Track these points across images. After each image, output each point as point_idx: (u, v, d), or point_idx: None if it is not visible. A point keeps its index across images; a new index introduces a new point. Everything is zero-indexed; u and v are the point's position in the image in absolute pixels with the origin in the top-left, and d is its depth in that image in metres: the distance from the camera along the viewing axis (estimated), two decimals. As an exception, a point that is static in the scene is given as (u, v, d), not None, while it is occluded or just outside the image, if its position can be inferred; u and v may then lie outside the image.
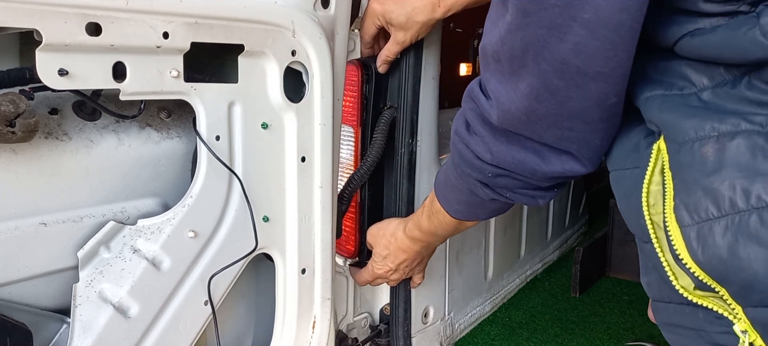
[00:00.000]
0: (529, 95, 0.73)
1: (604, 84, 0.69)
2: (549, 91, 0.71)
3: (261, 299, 1.24)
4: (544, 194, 0.90)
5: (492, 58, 0.76)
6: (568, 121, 0.74)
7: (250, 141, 1.05)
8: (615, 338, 1.94)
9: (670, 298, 0.72)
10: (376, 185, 1.43)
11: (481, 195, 0.95)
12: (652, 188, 0.70)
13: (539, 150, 0.80)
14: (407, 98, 1.38)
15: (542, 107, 0.73)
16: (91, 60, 0.84)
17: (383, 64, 1.35)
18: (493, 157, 0.85)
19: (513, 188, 0.89)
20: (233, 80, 1.02)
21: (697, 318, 0.70)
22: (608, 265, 2.43)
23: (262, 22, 1.01)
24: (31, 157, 0.87)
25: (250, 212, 1.06)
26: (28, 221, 0.88)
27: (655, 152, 0.70)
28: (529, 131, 0.78)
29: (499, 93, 0.77)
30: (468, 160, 0.90)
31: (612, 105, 0.72)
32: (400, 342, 1.50)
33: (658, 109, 0.69)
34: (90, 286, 0.93)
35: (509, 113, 0.77)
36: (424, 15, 1.27)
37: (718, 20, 0.63)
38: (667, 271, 0.69)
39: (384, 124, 1.36)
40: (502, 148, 0.83)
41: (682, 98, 0.68)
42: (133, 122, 0.99)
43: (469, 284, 1.87)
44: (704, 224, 0.63)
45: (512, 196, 0.91)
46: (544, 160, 0.81)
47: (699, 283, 0.66)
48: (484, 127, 0.84)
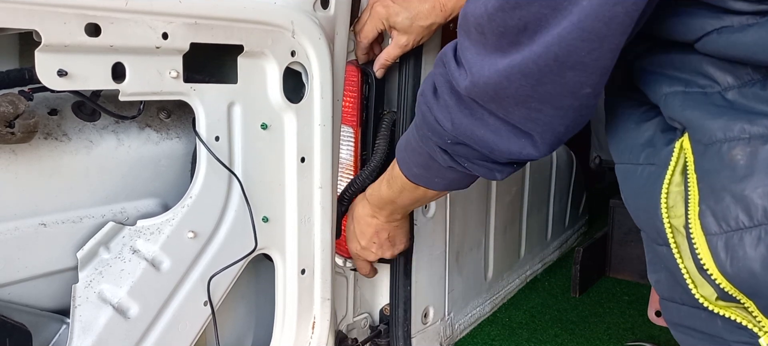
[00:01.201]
0: (502, 72, 0.71)
1: (582, 74, 0.66)
2: (522, 73, 0.69)
3: (261, 300, 1.24)
4: (501, 168, 0.88)
5: (475, 29, 0.73)
6: (538, 103, 0.72)
7: (249, 142, 1.05)
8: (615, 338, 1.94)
9: (683, 300, 0.69)
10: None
11: (440, 161, 0.93)
12: (672, 189, 0.66)
13: (500, 129, 0.79)
14: (407, 99, 1.38)
15: (513, 87, 0.71)
16: (90, 61, 0.84)
17: (381, 68, 1.33)
18: (454, 127, 0.83)
19: (471, 159, 0.88)
20: (233, 81, 1.02)
21: (714, 325, 0.67)
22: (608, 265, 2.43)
23: (261, 22, 1.01)
24: (31, 157, 0.87)
25: (249, 213, 1.06)
26: (27, 221, 0.88)
27: (677, 151, 0.66)
28: (496, 106, 0.76)
29: (473, 64, 0.75)
30: (430, 124, 0.88)
31: (585, 95, 0.69)
32: (400, 342, 1.50)
33: (681, 107, 0.66)
34: (89, 286, 0.93)
35: (478, 86, 0.75)
36: (428, 19, 1.26)
37: (748, 19, 0.59)
38: (686, 279, 0.66)
39: (386, 128, 1.36)
40: (464, 120, 0.81)
41: (705, 96, 0.64)
42: (133, 123, 0.99)
43: (469, 284, 1.87)
44: (734, 233, 0.60)
45: (470, 166, 0.90)
46: (502, 140, 0.80)
47: (723, 294, 0.63)
48: (450, 95, 0.82)
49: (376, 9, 1.27)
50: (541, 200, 2.34)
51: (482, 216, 1.92)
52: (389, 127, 1.37)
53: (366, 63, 1.35)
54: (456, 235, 1.73)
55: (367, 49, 1.32)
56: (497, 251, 2.02)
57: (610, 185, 2.88)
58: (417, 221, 1.49)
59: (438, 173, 1.00)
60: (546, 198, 2.40)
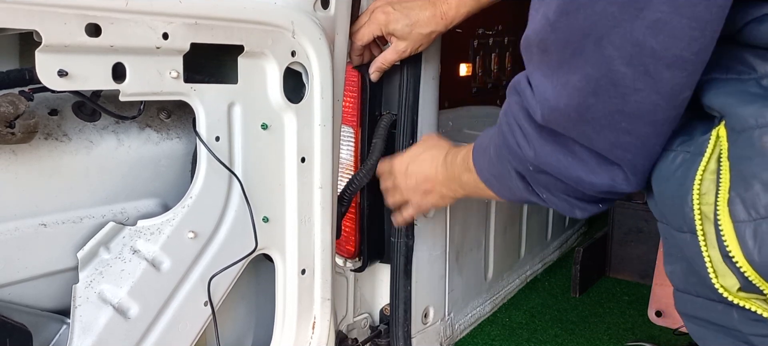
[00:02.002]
0: (583, 89, 0.64)
1: (681, 73, 0.60)
2: (612, 82, 0.62)
3: (261, 300, 1.24)
4: (585, 206, 0.82)
5: (537, 48, 0.69)
6: (628, 122, 0.65)
7: (249, 142, 1.05)
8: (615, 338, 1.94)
9: (698, 292, 0.68)
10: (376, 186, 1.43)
11: (514, 187, 0.88)
12: (706, 177, 0.64)
13: (588, 160, 0.72)
14: (408, 99, 1.38)
15: (600, 103, 0.65)
16: (90, 61, 0.84)
17: (377, 72, 1.32)
18: (536, 156, 0.78)
19: (553, 190, 0.82)
20: (233, 81, 1.02)
21: (730, 317, 0.66)
22: (608, 265, 2.43)
23: (261, 22, 1.01)
24: (31, 158, 0.87)
25: (249, 213, 1.06)
26: (27, 221, 0.88)
27: (713, 139, 0.64)
28: (578, 133, 0.70)
29: (545, 88, 0.70)
30: (511, 148, 0.83)
31: (683, 100, 0.63)
32: (400, 342, 1.50)
33: (715, 93, 0.63)
34: (90, 287, 0.93)
35: (557, 111, 0.69)
36: (428, 27, 1.26)
37: None
38: (708, 267, 0.64)
39: (383, 128, 1.36)
40: (547, 148, 0.75)
41: (740, 83, 0.62)
42: (133, 123, 0.99)
43: (469, 285, 1.87)
44: (763, 221, 0.58)
45: (549, 198, 0.84)
46: (591, 170, 0.73)
47: (747, 284, 0.61)
48: (529, 123, 0.76)
49: (376, 14, 1.26)
50: (541, 200, 2.34)
51: (482, 216, 1.92)
52: (387, 128, 1.37)
53: (360, 65, 1.34)
54: (456, 235, 1.73)
55: (361, 51, 1.32)
56: (497, 251, 2.02)
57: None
58: (417, 221, 1.49)
59: (510, 190, 0.93)
60: (546, 198, 2.39)
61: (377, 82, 1.35)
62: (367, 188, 1.40)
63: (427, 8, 1.26)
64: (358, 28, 1.28)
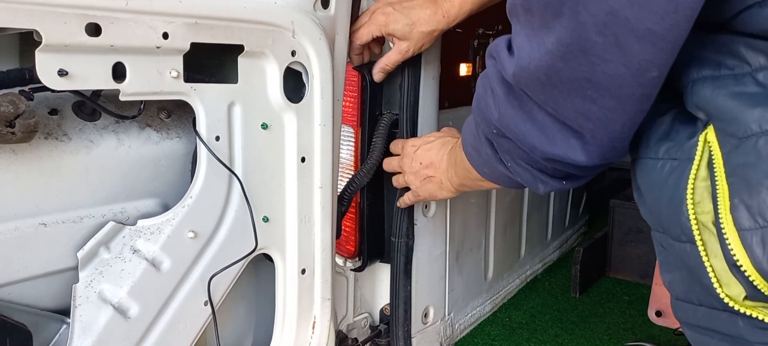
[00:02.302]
0: (555, 52, 0.64)
1: (651, 48, 0.59)
2: (582, 49, 0.62)
3: (261, 300, 1.24)
4: (546, 180, 0.82)
5: (522, 8, 0.68)
6: (595, 90, 0.65)
7: (249, 141, 1.05)
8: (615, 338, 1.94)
9: (700, 301, 0.67)
10: (376, 186, 1.43)
11: (485, 153, 0.89)
12: (698, 184, 0.63)
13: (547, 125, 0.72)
14: (408, 99, 1.38)
15: (569, 68, 0.64)
16: (90, 60, 0.84)
17: (380, 72, 1.32)
18: (499, 118, 0.78)
19: (514, 158, 0.82)
20: (233, 81, 1.02)
21: (735, 326, 0.65)
22: (608, 265, 2.43)
23: (261, 22, 1.01)
24: (31, 157, 0.87)
25: (249, 213, 1.06)
26: (27, 221, 0.88)
27: (701, 144, 0.63)
28: (546, 97, 0.69)
29: (523, 47, 0.69)
30: (481, 109, 0.83)
31: (651, 80, 0.63)
32: (400, 342, 1.50)
33: (711, 96, 0.62)
34: (90, 286, 0.93)
35: (527, 71, 0.69)
36: (428, 26, 1.25)
37: None
38: (711, 277, 0.63)
39: (384, 127, 1.36)
40: (510, 112, 0.75)
41: (735, 80, 0.61)
42: (133, 123, 0.99)
43: (469, 284, 1.87)
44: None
45: (513, 167, 0.84)
46: (546, 138, 0.73)
47: (754, 292, 0.60)
48: (499, 85, 0.76)
49: (376, 15, 1.26)
50: (541, 200, 2.34)
51: (482, 216, 1.92)
52: (387, 126, 1.37)
53: (361, 65, 1.34)
54: (456, 235, 1.73)
55: (360, 50, 1.31)
56: (497, 251, 2.02)
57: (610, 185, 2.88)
58: (417, 221, 1.49)
59: (486, 163, 0.94)
60: (546, 198, 2.40)
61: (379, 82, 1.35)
62: (367, 188, 1.40)
63: (427, 7, 1.25)
64: (357, 27, 1.28)
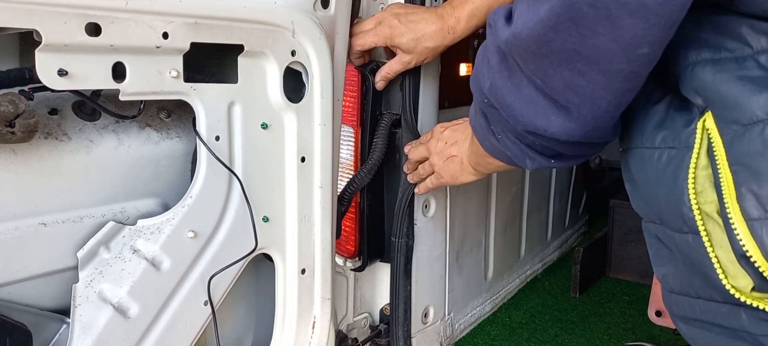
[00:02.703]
0: (547, 21, 0.63)
1: (643, 23, 0.58)
2: (573, 21, 0.60)
3: (261, 299, 1.24)
4: (533, 155, 0.81)
5: None
6: (584, 63, 0.63)
7: (249, 141, 1.05)
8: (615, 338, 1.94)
9: (699, 294, 0.66)
10: (377, 186, 1.43)
11: (480, 126, 0.88)
12: (699, 173, 0.62)
13: (533, 99, 0.71)
14: (408, 99, 1.38)
15: (559, 39, 0.63)
16: (90, 60, 0.84)
17: (382, 80, 1.32)
18: (490, 88, 0.77)
19: (504, 130, 0.81)
20: (233, 80, 1.02)
21: (737, 318, 0.64)
22: (608, 265, 2.43)
23: (261, 22, 1.01)
24: (31, 157, 0.87)
25: (249, 213, 1.06)
26: (27, 221, 0.88)
27: (699, 132, 0.62)
28: (536, 67, 0.68)
29: (520, 15, 0.67)
30: (477, 79, 0.82)
31: (640, 57, 0.61)
32: (400, 342, 1.50)
33: (712, 81, 0.60)
34: (90, 286, 0.93)
35: (519, 39, 0.67)
36: (433, 42, 1.25)
37: None
38: (716, 268, 0.61)
39: (384, 127, 1.36)
40: (499, 82, 0.75)
41: (737, 64, 0.59)
42: (133, 122, 0.99)
43: (469, 284, 1.87)
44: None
45: (503, 140, 0.83)
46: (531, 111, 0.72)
47: (762, 283, 0.59)
48: (494, 54, 0.75)
49: (382, 27, 1.25)
50: (541, 200, 2.34)
51: (482, 216, 1.92)
52: (388, 126, 1.37)
53: (362, 66, 1.34)
54: (456, 235, 1.73)
55: (360, 54, 1.31)
56: (497, 251, 2.02)
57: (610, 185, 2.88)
58: (417, 221, 1.49)
59: (483, 135, 0.92)
60: (546, 198, 2.40)
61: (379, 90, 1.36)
62: (367, 188, 1.40)
63: (433, 22, 1.25)
64: (360, 33, 1.27)
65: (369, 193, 1.42)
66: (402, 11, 1.28)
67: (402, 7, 1.30)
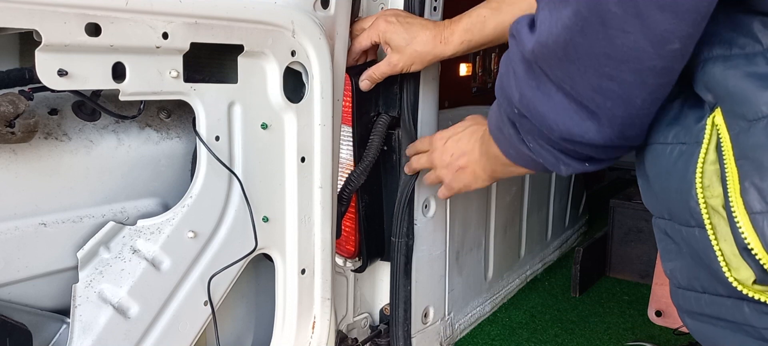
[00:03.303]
0: (572, 26, 0.62)
1: (673, 18, 0.57)
2: (601, 22, 0.60)
3: (261, 299, 1.24)
4: (569, 162, 0.80)
5: None
6: (613, 66, 0.63)
7: (249, 141, 1.05)
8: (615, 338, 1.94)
9: (704, 288, 0.67)
10: (375, 186, 1.43)
11: (507, 134, 0.87)
12: (707, 168, 0.62)
13: (565, 106, 0.71)
14: (408, 99, 1.38)
15: (587, 42, 0.62)
16: (90, 60, 0.84)
17: (367, 80, 1.31)
18: (520, 98, 0.76)
19: (536, 138, 0.80)
20: (233, 80, 1.02)
21: (741, 312, 0.64)
22: (608, 265, 2.43)
23: (261, 22, 1.01)
24: (31, 157, 0.87)
25: (249, 213, 1.06)
26: (27, 221, 0.88)
27: (709, 127, 0.62)
28: (563, 73, 0.68)
29: (543, 21, 0.67)
30: (503, 89, 0.81)
31: (672, 52, 0.60)
32: (400, 342, 1.50)
33: (722, 77, 0.61)
34: (90, 286, 0.93)
35: (545, 46, 0.67)
36: (424, 46, 1.25)
37: None
38: (720, 261, 0.62)
39: (381, 126, 1.36)
40: (529, 92, 0.74)
41: (746, 60, 0.60)
42: (133, 123, 0.99)
43: (469, 284, 1.87)
44: None
45: (535, 148, 0.82)
46: (564, 119, 0.72)
47: (763, 276, 0.59)
48: (520, 63, 0.75)
49: (378, 22, 1.27)
50: (541, 200, 2.34)
51: (482, 216, 1.92)
52: (385, 125, 1.37)
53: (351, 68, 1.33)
54: (456, 235, 1.73)
55: (357, 56, 1.31)
56: (497, 251, 2.02)
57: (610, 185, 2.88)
58: (417, 221, 1.49)
59: (511, 144, 0.91)
60: (546, 198, 2.40)
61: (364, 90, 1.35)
62: (365, 188, 1.40)
63: (429, 29, 1.26)
64: (358, 32, 1.28)
65: (366, 193, 1.42)
66: (401, 13, 1.30)
67: (402, 11, 1.32)
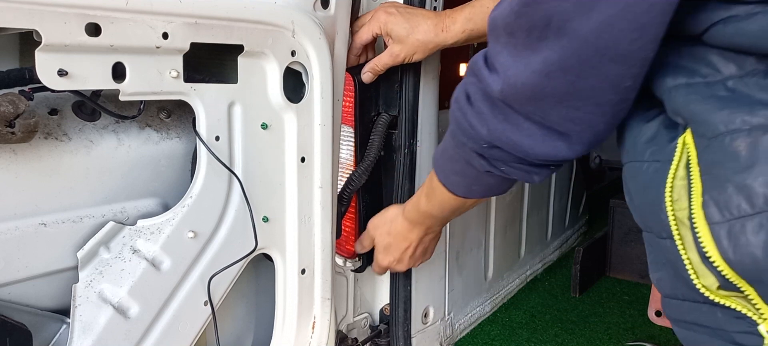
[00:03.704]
0: (540, 71, 0.70)
1: (623, 66, 0.66)
2: (563, 69, 0.68)
3: (261, 299, 1.24)
4: (538, 170, 0.87)
5: (504, 31, 0.74)
6: (577, 101, 0.71)
7: (249, 141, 1.05)
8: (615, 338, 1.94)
9: (684, 295, 0.70)
10: (375, 186, 1.43)
11: (477, 166, 0.92)
12: (677, 183, 0.68)
13: (535, 132, 0.78)
14: (408, 99, 1.38)
15: (552, 85, 0.70)
16: (90, 60, 0.84)
17: (369, 73, 1.31)
18: (489, 133, 0.83)
19: (507, 161, 0.87)
20: (233, 80, 1.02)
21: (715, 317, 0.68)
22: (608, 265, 2.43)
23: (261, 22, 1.01)
24: (31, 157, 0.87)
25: (249, 213, 1.06)
26: (27, 221, 0.88)
27: (680, 146, 0.68)
28: (533, 108, 0.76)
29: (508, 67, 0.75)
30: (465, 130, 0.88)
31: (626, 89, 0.69)
32: (400, 342, 1.50)
33: (684, 101, 0.67)
34: (90, 286, 0.93)
35: (515, 88, 0.74)
36: (426, 35, 1.26)
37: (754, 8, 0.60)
38: (689, 269, 0.67)
39: (382, 125, 1.36)
40: (499, 126, 0.81)
41: (707, 87, 0.65)
42: (133, 123, 0.99)
43: (469, 284, 1.87)
44: (736, 221, 0.61)
45: (507, 169, 0.89)
46: (536, 142, 0.80)
47: (725, 282, 0.64)
48: (484, 102, 0.82)
49: (379, 14, 1.27)
50: (541, 200, 2.34)
51: (482, 216, 1.92)
52: (385, 125, 1.37)
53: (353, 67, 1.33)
54: (456, 235, 1.73)
55: (359, 51, 1.31)
56: (497, 251, 2.02)
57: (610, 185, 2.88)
58: (417, 221, 1.48)
59: (476, 180, 0.99)
60: (546, 198, 2.40)
61: (373, 83, 1.35)
62: (364, 188, 1.40)
63: (430, 18, 1.27)
64: (359, 27, 1.28)
65: (367, 193, 1.42)
66: (401, 4, 1.31)
67: (401, 3, 1.32)
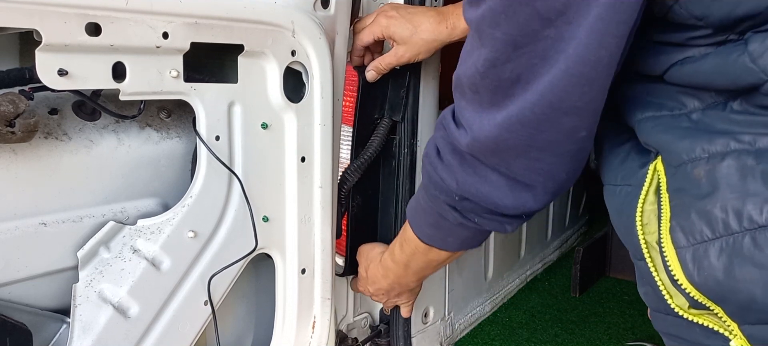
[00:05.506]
0: (501, 125, 0.74)
1: (576, 117, 0.71)
2: (521, 123, 0.72)
3: (261, 299, 1.24)
4: (510, 220, 0.90)
5: (469, 89, 0.77)
6: (537, 152, 0.75)
7: (249, 141, 1.05)
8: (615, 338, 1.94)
9: (666, 310, 0.73)
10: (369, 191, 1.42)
11: (450, 219, 0.95)
12: (646, 208, 0.71)
13: (502, 185, 0.82)
14: (407, 99, 1.38)
15: (513, 138, 0.74)
16: (90, 60, 0.84)
17: (373, 71, 1.30)
18: (458, 186, 0.87)
19: (480, 213, 0.90)
20: (233, 80, 1.02)
21: (693, 332, 0.72)
22: (608, 265, 2.43)
23: (261, 22, 1.01)
24: (31, 157, 0.87)
25: (249, 212, 1.06)
26: (27, 221, 0.88)
27: (651, 172, 0.71)
28: (498, 160, 0.80)
29: (473, 122, 0.79)
30: (436, 184, 0.91)
31: (582, 139, 0.74)
32: (400, 342, 1.50)
33: (652, 132, 0.71)
34: (90, 286, 0.93)
35: (479, 142, 0.79)
36: (430, 34, 1.25)
37: (707, 49, 0.65)
38: (662, 289, 0.71)
39: (383, 128, 1.35)
40: (468, 179, 0.85)
41: (673, 119, 0.70)
42: (133, 122, 0.99)
43: (469, 284, 1.87)
44: (699, 246, 0.65)
45: (480, 221, 0.91)
46: (504, 194, 0.83)
47: (694, 302, 0.68)
48: (453, 155, 0.85)
49: (380, 18, 1.26)
50: (541, 200, 2.33)
51: (482, 216, 1.91)
52: (387, 127, 1.36)
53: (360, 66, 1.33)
54: (456, 235, 1.72)
55: (361, 52, 1.31)
56: (497, 251, 2.02)
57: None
58: (417, 221, 1.48)
59: (450, 232, 1.01)
60: (546, 198, 2.39)
61: (375, 84, 1.34)
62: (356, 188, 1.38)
63: (432, 16, 1.25)
64: (360, 29, 1.27)
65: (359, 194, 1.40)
66: (400, 6, 1.29)
67: (400, 4, 1.31)
